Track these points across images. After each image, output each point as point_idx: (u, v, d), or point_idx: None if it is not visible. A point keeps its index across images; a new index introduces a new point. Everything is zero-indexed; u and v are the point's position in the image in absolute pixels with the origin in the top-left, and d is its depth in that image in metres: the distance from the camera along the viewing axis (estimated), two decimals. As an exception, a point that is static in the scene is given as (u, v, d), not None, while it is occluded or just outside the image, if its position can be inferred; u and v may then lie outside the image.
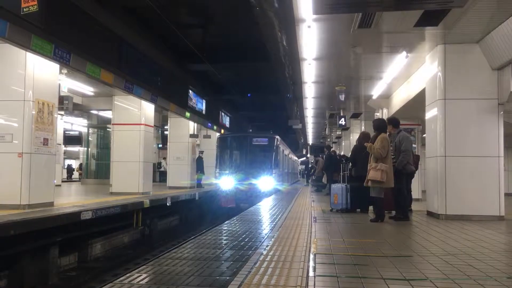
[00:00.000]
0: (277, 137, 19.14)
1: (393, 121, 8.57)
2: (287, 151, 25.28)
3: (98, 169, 22.15)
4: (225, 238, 5.63)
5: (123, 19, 11.52)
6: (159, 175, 25.80)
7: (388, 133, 8.28)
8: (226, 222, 7.35)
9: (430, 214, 8.81)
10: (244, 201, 16.78)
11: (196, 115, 18.52)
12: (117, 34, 10.99)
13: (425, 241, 5.72)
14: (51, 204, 8.96)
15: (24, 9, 7.12)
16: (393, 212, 8.29)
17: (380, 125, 8.06)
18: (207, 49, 14.85)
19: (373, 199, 7.82)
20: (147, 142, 14.21)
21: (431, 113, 8.97)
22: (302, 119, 22.57)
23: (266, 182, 17.55)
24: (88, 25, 9.59)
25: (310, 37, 8.69)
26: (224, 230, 6.39)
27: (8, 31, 6.96)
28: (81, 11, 9.28)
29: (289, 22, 8.34)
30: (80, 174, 28.99)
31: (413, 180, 9.32)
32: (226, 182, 17.60)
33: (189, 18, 12.84)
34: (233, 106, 26.33)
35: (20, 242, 6.88)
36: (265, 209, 9.98)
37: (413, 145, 10.70)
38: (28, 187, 8.29)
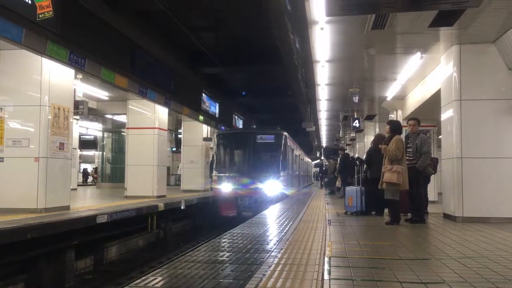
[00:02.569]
0: (285, 133, 16.49)
1: (418, 120, 8.55)
2: (298, 151, 22.40)
3: (113, 173, 22.37)
4: (239, 241, 5.62)
5: (137, 24, 11.62)
6: (176, 179, 26.00)
7: (407, 134, 8.26)
8: (240, 225, 7.34)
9: (446, 216, 8.70)
10: (247, 209, 14.92)
11: (209, 118, 18.58)
12: (130, 39, 11.10)
13: (442, 243, 5.64)
14: (67, 208, 9.06)
15: (40, 15, 7.22)
16: (409, 215, 8.20)
17: (395, 127, 8.00)
18: (220, 53, 14.90)
19: (388, 202, 7.75)
20: (161, 146, 14.30)
21: (446, 114, 8.87)
22: (315, 121, 22.50)
23: (272, 186, 15.08)
24: (102, 31, 9.70)
25: (323, 39, 8.66)
26: (238, 233, 6.38)
27: (24, 37, 7.08)
28: (95, 16, 9.38)
29: (302, 25, 8.32)
30: (95, 178, 29.28)
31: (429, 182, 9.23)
32: (225, 187, 15.21)
33: (201, 22, 12.91)
34: (246, 108, 26.37)
35: (37, 246, 6.96)
36: (279, 212, 9.95)
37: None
38: (45, 191, 8.39)
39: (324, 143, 37.37)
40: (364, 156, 12.12)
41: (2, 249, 6.19)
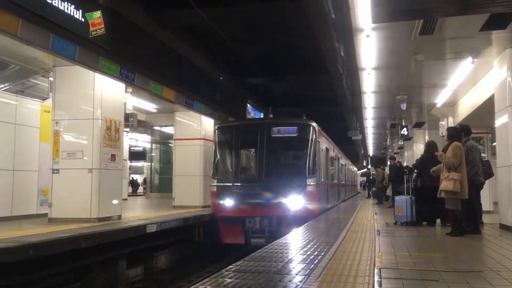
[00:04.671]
0: (314, 124, 11.71)
1: (466, 129, 8.20)
2: (334, 152, 16.93)
3: (161, 183, 22.85)
4: (285, 251, 5.59)
5: (182, 37, 11.92)
6: None
7: None
8: (284, 236, 7.30)
9: (503, 227, 8.31)
10: (259, 234, 10.68)
11: (254, 128, 18.63)
12: (177, 52, 11.39)
13: (498, 255, 5.40)
14: (119, 217, 9.33)
15: (92, 33, 7.56)
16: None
17: (453, 134, 7.68)
18: (264, 63, 14.98)
19: (445, 211, 7.45)
20: (207, 156, 14.49)
21: (501, 120, 8.51)
22: (361, 129, 22.17)
23: (296, 200, 10.79)
24: (150, 45, 10.02)
25: (369, 47, 8.55)
26: (284, 243, 6.36)
27: (78, 54, 7.46)
28: (144, 31, 9.70)
29: (347, 32, 8.26)
30: (144, 188, 30.02)
31: (484, 191, 8.83)
32: (228, 202, 11.25)
33: (245, 33, 13.06)
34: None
35: (90, 254, 7.19)
36: (325, 223, 9.83)
37: (482, 155, 10.18)
38: (98, 201, 8.69)
39: (371, 151, 36.71)
40: (413, 163, 11.80)
41: (58, 258, 6.45)
